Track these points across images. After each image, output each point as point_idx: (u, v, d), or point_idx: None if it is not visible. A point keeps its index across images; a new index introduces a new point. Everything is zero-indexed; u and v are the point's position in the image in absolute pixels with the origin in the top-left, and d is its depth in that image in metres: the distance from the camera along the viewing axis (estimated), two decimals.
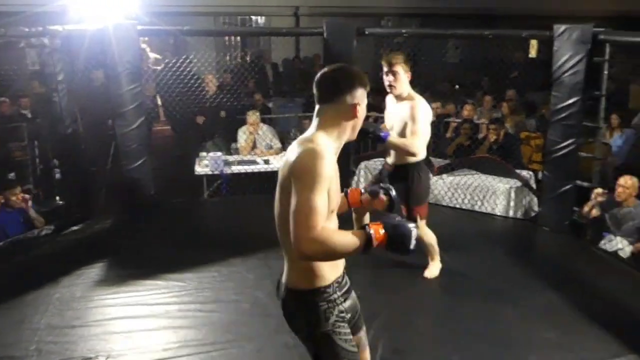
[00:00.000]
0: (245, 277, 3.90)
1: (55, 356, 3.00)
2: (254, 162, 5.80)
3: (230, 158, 5.92)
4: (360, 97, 1.76)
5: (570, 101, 4.50)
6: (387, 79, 3.45)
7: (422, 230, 3.71)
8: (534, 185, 5.29)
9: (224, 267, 4.04)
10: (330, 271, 1.82)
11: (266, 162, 5.78)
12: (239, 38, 11.08)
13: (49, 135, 5.25)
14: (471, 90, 7.53)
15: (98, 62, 5.21)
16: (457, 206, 5.43)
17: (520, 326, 3.33)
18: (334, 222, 1.84)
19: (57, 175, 5.41)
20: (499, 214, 5.24)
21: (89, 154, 5.55)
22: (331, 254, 1.67)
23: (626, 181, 4.37)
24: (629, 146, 6.15)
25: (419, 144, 3.41)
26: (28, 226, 4.66)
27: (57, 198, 5.46)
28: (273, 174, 5.98)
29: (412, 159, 3.51)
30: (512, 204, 5.20)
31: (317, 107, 1.79)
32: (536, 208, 5.15)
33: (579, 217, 4.66)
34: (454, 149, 6.05)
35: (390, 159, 3.66)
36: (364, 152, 6.41)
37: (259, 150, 6.01)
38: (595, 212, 4.52)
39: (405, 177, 3.54)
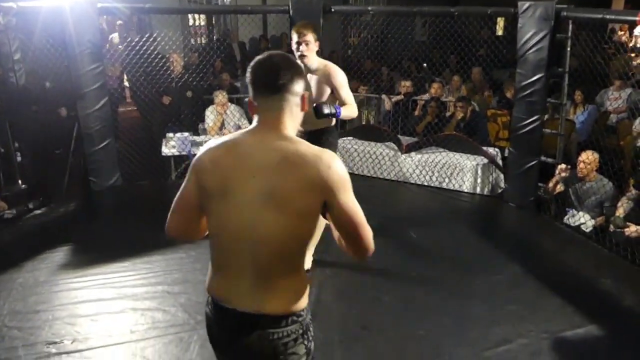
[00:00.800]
0: None
1: (18, 342, 2.94)
2: None
3: (198, 138, 5.83)
4: (303, 87, 1.61)
5: (534, 78, 4.56)
6: (300, 49, 3.41)
7: None
8: (500, 162, 5.38)
9: (192, 249, 3.99)
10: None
11: None
12: (204, 17, 10.84)
13: (8, 117, 5.07)
14: (438, 68, 7.55)
15: (57, 41, 5.02)
16: (425, 184, 5.48)
17: (485, 300, 3.40)
18: None
19: (19, 159, 5.25)
20: (466, 191, 5.32)
21: (52, 137, 5.41)
22: None
23: (587, 157, 4.47)
24: (591, 122, 6.28)
25: (356, 107, 3.54)
26: None
27: (20, 182, 5.31)
28: None
29: (328, 124, 3.61)
30: (479, 180, 5.28)
31: (261, 97, 1.56)
32: (502, 185, 5.24)
33: (544, 193, 4.77)
34: (423, 127, 6.08)
35: (303, 126, 3.66)
36: None
37: (227, 131, 5.93)
38: (559, 188, 4.62)
39: (320, 140, 3.51)
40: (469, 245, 4.20)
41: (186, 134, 5.59)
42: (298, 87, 1.57)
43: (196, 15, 10.40)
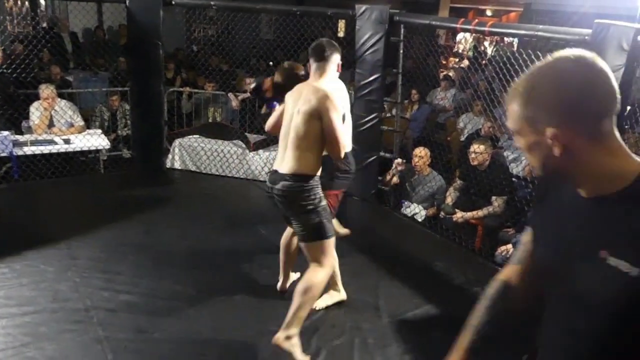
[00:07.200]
0: (43, 271, 3.48)
1: None
2: (52, 142, 5.18)
3: (22, 138, 5.21)
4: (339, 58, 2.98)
5: (372, 78, 4.81)
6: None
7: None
8: None
9: (16, 262, 3.55)
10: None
11: (67, 141, 5.20)
12: (27, 3, 9.76)
13: None
14: None
15: None
16: None
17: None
18: None
19: None
20: None
21: None
22: None
23: (420, 152, 4.85)
24: (423, 120, 6.84)
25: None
26: None
27: None
28: (75, 154, 5.42)
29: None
30: None
31: (314, 63, 2.88)
32: None
33: (383, 185, 5.07)
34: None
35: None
36: (178, 129, 6.16)
37: (57, 129, 5.38)
38: (395, 180, 4.95)
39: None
40: None
41: (6, 133, 4.95)
42: (335, 58, 2.93)
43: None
